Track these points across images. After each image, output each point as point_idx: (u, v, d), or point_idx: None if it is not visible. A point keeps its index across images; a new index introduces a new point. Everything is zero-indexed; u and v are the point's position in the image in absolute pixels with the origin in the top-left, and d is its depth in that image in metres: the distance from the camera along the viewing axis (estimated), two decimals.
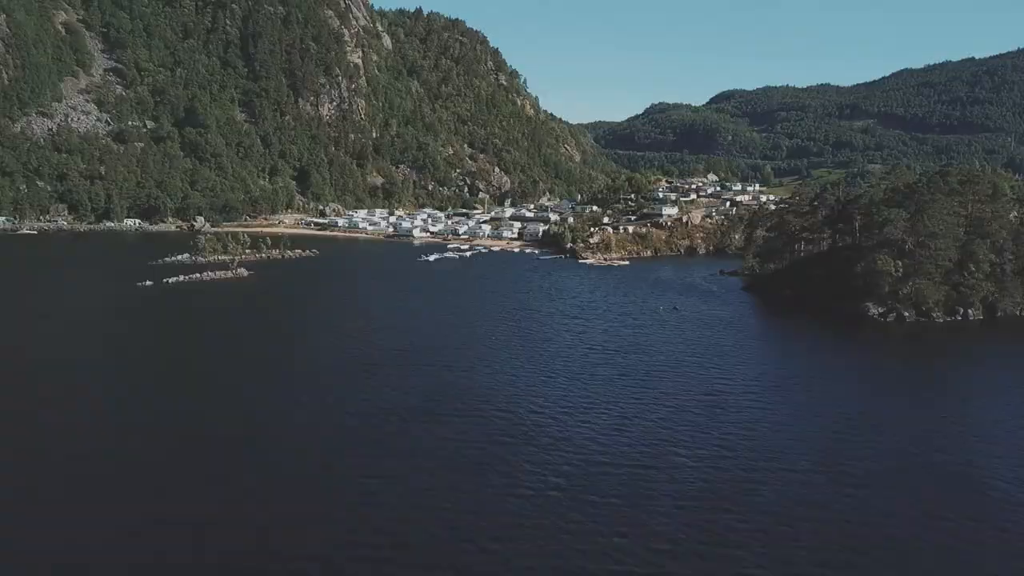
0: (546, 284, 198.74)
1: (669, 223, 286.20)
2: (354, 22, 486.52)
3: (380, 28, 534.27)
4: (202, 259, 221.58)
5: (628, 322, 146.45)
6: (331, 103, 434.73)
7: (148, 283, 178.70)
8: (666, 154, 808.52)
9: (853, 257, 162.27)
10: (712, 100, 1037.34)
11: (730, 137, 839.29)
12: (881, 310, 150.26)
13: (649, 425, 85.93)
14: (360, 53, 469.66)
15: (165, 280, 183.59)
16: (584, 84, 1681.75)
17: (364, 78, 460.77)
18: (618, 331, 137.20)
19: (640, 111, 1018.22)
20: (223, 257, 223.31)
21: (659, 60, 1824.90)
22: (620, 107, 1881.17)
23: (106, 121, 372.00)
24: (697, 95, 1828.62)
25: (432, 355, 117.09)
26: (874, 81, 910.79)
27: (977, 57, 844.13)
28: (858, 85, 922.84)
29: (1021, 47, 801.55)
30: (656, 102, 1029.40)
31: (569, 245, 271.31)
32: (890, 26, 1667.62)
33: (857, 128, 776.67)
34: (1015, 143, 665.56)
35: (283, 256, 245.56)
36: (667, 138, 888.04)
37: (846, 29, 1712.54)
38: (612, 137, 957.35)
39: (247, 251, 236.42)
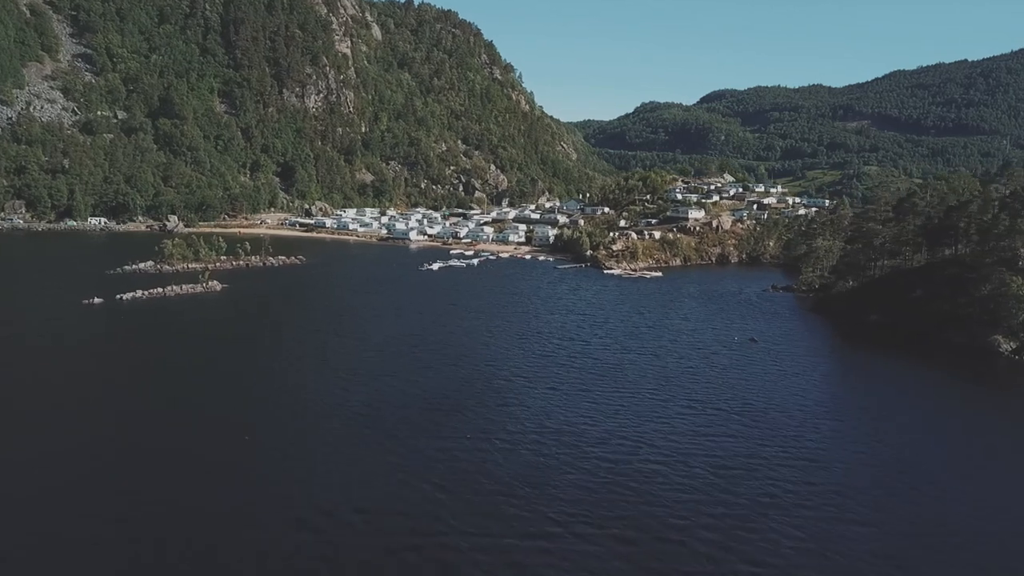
0: (580, 303, 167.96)
1: (697, 228, 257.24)
2: (342, 10, 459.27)
3: (370, 18, 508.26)
4: (168, 268, 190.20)
5: (708, 359, 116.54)
6: (318, 95, 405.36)
7: (96, 300, 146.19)
8: (658, 153, 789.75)
9: (964, 276, 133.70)
10: (703, 99, 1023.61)
11: (723, 137, 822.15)
12: (1014, 345, 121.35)
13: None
14: (348, 43, 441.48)
15: (119, 296, 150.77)
16: (573, 82, 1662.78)
17: (353, 69, 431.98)
18: (704, 372, 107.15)
19: (630, 110, 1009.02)
20: (193, 266, 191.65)
21: (649, 58, 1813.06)
22: (610, 106, 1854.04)
23: (72, 110, 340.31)
24: (688, 94, 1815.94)
25: (476, 414, 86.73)
26: (867, 82, 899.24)
27: (970, 59, 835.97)
28: (851, 86, 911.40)
29: (1015, 49, 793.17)
30: (647, 101, 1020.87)
31: (589, 252, 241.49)
32: (881, 27, 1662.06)
33: (851, 129, 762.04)
34: (1010, 145, 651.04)
35: (264, 264, 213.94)
36: (659, 137, 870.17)
37: (837, 29, 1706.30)
38: (602, 136, 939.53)
39: (222, 258, 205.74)
